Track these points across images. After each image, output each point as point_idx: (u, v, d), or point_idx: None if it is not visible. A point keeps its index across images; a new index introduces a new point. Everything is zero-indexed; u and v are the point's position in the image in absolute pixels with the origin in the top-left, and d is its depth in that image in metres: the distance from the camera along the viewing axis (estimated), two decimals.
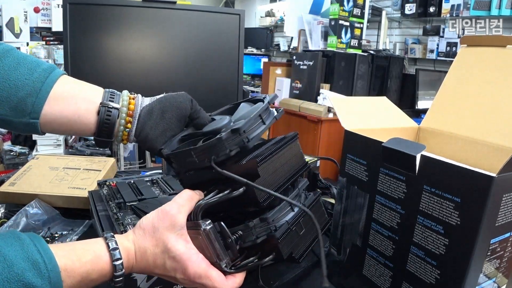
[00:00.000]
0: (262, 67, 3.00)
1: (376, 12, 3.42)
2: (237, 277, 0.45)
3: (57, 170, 0.89)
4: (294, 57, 2.46)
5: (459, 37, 2.83)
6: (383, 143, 0.45)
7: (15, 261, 0.33)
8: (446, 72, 0.62)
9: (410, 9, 3.09)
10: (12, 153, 2.73)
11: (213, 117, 0.56)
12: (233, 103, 0.57)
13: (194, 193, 0.46)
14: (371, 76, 2.46)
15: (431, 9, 2.96)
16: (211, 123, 0.51)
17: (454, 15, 2.80)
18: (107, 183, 0.75)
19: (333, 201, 0.76)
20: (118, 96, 0.52)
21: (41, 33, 3.09)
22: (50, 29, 3.09)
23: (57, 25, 3.04)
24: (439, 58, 3.04)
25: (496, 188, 0.35)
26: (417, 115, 2.52)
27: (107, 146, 0.53)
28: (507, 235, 0.41)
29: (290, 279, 0.60)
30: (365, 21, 2.60)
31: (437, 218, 0.40)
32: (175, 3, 0.95)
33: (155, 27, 0.95)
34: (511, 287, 0.46)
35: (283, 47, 5.00)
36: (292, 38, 4.24)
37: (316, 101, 2.27)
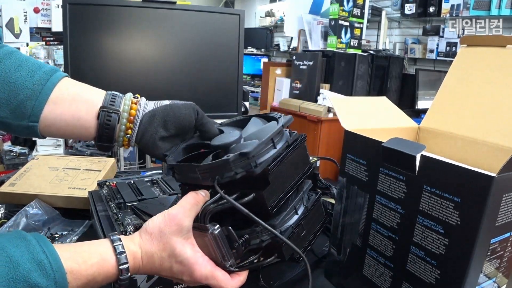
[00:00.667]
0: (262, 67, 2.99)
1: (376, 12, 3.42)
2: (241, 275, 0.46)
3: (57, 170, 0.89)
4: (294, 57, 2.46)
5: (459, 37, 2.84)
6: (383, 143, 0.45)
7: (20, 262, 0.34)
8: (446, 72, 0.62)
9: (410, 9, 3.09)
10: (12, 154, 2.72)
11: (221, 128, 0.55)
12: (244, 115, 0.56)
13: (199, 195, 0.45)
14: (371, 76, 2.46)
15: (431, 9, 2.96)
16: (220, 137, 0.50)
17: (454, 15, 2.80)
18: (107, 183, 0.75)
19: (333, 201, 0.76)
20: (120, 98, 0.50)
21: (41, 34, 3.09)
22: (50, 29, 3.09)
23: (57, 26, 3.04)
24: (439, 58, 3.04)
25: (496, 188, 0.35)
26: (417, 115, 2.51)
27: (109, 150, 0.52)
28: (507, 235, 0.41)
29: (290, 278, 0.60)
30: (365, 21, 2.60)
31: (437, 218, 0.40)
32: (175, 3, 0.95)
33: (155, 27, 0.95)
34: (511, 287, 0.46)
35: (283, 47, 5.00)
36: (292, 38, 4.24)
37: (316, 101, 2.27)
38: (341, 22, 2.36)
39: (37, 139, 2.73)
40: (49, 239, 0.37)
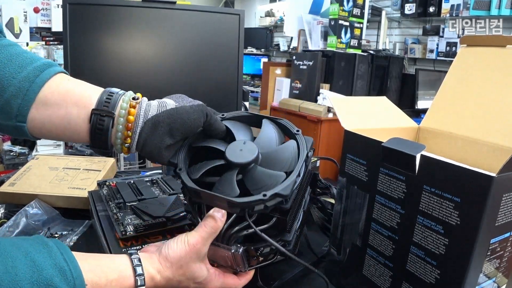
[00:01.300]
0: (262, 67, 2.99)
1: (376, 12, 3.42)
2: (248, 274, 0.50)
3: (57, 170, 0.89)
4: (294, 57, 2.46)
5: (459, 37, 2.84)
6: (383, 143, 0.45)
7: (44, 267, 0.34)
8: (446, 72, 0.62)
9: (409, 9, 3.09)
10: (12, 153, 2.72)
11: (227, 125, 0.51)
12: (251, 112, 0.53)
13: (218, 223, 0.44)
14: (371, 76, 2.47)
15: (431, 9, 2.96)
16: (235, 150, 0.46)
17: (454, 15, 2.80)
18: (107, 183, 0.75)
19: (333, 201, 0.76)
20: (117, 97, 0.45)
21: (41, 33, 3.09)
22: (50, 29, 3.09)
23: (57, 25, 3.04)
24: (439, 58, 3.04)
25: (496, 188, 0.35)
26: (417, 115, 2.52)
27: (107, 154, 0.49)
28: (507, 235, 0.41)
29: (289, 278, 0.60)
30: (365, 21, 2.60)
31: (437, 218, 0.40)
32: (175, 3, 0.95)
33: (155, 27, 0.95)
34: (511, 287, 0.46)
35: (283, 47, 5.00)
36: (292, 38, 4.24)
37: (316, 101, 2.27)
38: (341, 22, 2.37)
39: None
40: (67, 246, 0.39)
